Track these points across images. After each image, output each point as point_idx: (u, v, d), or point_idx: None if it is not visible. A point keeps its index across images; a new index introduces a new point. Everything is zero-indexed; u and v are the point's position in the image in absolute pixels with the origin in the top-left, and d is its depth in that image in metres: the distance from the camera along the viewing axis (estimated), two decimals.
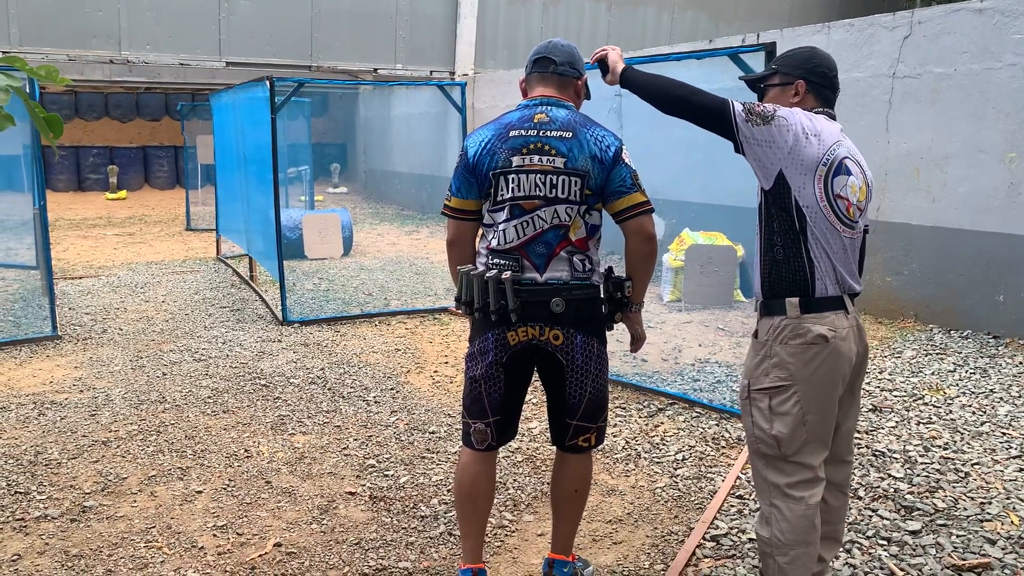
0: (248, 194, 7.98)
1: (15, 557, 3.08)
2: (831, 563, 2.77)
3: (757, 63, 4.14)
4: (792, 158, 2.36)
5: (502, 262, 2.60)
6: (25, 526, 3.31)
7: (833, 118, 2.54)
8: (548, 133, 2.56)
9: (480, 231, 2.73)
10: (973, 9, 6.20)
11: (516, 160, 2.56)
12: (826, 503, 2.61)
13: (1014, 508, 3.49)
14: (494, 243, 2.63)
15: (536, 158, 2.55)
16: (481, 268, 2.63)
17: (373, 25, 15.02)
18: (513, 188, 2.57)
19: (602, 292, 2.66)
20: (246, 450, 4.10)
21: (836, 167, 2.39)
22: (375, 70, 15.22)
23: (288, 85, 6.71)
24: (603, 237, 2.70)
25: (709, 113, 2.45)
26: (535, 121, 2.58)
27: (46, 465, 3.90)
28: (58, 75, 2.24)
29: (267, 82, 6.43)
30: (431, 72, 15.60)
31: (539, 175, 2.55)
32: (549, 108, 2.62)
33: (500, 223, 2.61)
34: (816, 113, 2.50)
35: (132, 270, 9.12)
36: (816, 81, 2.54)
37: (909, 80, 6.60)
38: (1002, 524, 3.35)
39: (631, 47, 15.74)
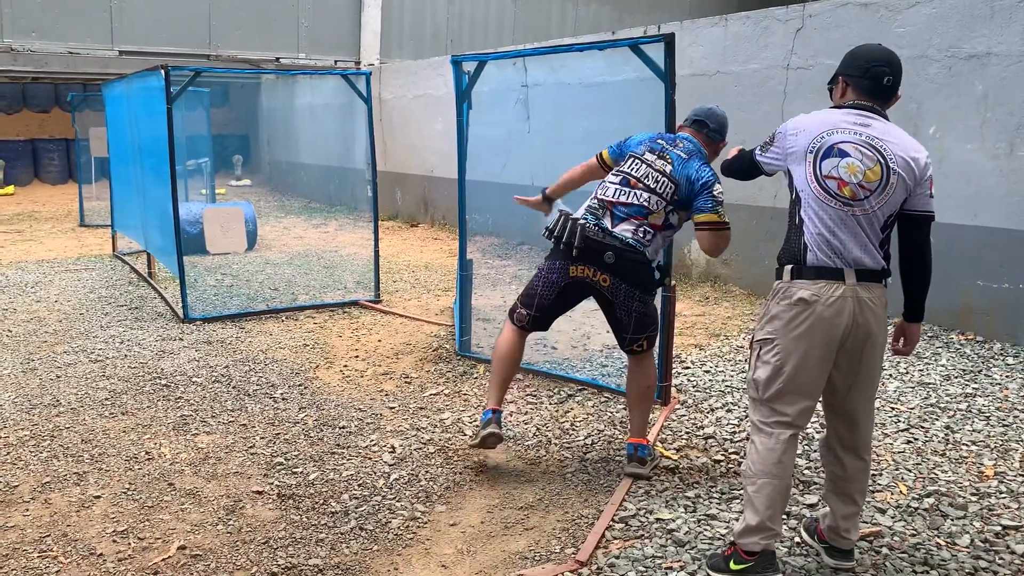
0: (145, 188, 7.69)
1: None
2: (852, 533, 2.92)
3: (657, 54, 4.22)
4: (789, 155, 2.81)
5: (595, 207, 3.67)
6: None
7: (863, 107, 2.78)
8: (674, 151, 3.67)
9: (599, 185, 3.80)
10: (859, 3, 6.46)
11: (647, 156, 3.69)
12: (842, 464, 2.88)
13: (902, 478, 3.68)
14: (599, 193, 3.71)
15: (658, 162, 3.65)
16: (577, 212, 3.68)
17: (274, 13, 14.67)
18: (633, 168, 3.67)
19: (654, 265, 3.65)
20: (147, 452, 3.97)
21: (825, 151, 2.72)
22: (277, 59, 14.88)
23: (184, 74, 6.48)
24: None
25: (745, 166, 3.07)
26: (674, 144, 3.72)
27: None
28: None
29: (162, 71, 6.20)
30: (336, 62, 15.35)
31: (652, 170, 3.63)
32: (688, 142, 3.74)
33: (611, 183, 3.70)
34: (843, 107, 2.80)
35: (21, 269, 8.68)
36: (854, 74, 2.82)
37: (802, 71, 6.85)
38: (891, 494, 3.53)
39: (536, 38, 15.87)
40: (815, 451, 3.94)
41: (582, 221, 3.59)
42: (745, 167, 3.08)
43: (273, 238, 11.05)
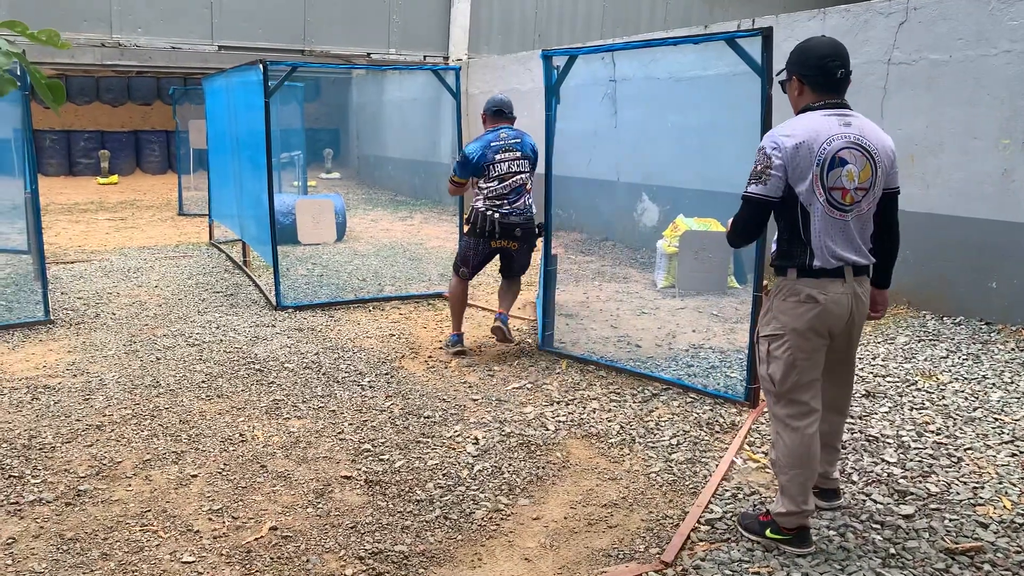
0: (241, 179, 7.94)
1: (10, 541, 3.08)
2: (835, 473, 3.34)
3: (754, 48, 4.13)
4: (792, 169, 2.80)
5: (495, 204, 5.26)
6: (20, 510, 3.31)
7: (835, 105, 2.87)
8: (508, 141, 5.32)
9: (477, 188, 5.35)
10: None
11: (498, 156, 5.27)
12: (828, 421, 3.14)
13: (1006, 492, 3.51)
14: (488, 193, 5.27)
15: (508, 154, 5.29)
16: (482, 207, 5.27)
17: (366, 9, 14.91)
18: (499, 169, 5.26)
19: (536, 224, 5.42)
20: (241, 434, 4.10)
21: (830, 163, 2.79)
22: (368, 54, 15.13)
23: (281, 69, 6.66)
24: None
25: (758, 212, 2.90)
26: (501, 137, 5.33)
27: (40, 449, 3.89)
28: (59, 39, 2.19)
29: (260, 66, 6.39)
30: (425, 57, 15.51)
31: (511, 162, 5.27)
32: (509, 129, 5.41)
33: (493, 185, 5.27)
34: (813, 109, 2.86)
35: (124, 255, 9.08)
36: (808, 73, 2.89)
37: (904, 67, 6.59)
38: (994, 508, 3.38)
39: (626, 32, 15.71)
40: (911, 460, 3.81)
41: (496, 215, 5.21)
42: (756, 216, 2.90)
43: (361, 230, 11.26)
